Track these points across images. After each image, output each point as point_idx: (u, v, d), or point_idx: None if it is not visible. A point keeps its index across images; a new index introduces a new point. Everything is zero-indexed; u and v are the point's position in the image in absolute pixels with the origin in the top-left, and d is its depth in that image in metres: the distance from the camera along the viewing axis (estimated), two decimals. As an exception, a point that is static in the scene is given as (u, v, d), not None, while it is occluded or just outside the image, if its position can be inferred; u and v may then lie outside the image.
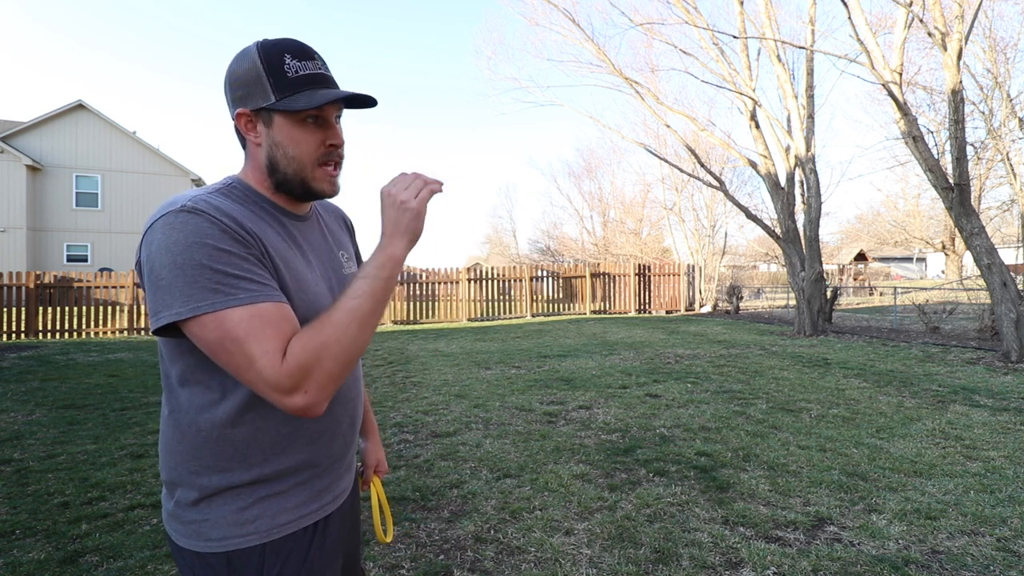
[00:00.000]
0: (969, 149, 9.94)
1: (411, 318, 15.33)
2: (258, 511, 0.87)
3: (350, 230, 1.18)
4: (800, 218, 10.94)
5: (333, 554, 0.97)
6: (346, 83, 0.98)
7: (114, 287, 12.97)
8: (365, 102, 0.92)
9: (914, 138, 7.30)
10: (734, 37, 10.40)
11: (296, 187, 0.93)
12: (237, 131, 0.94)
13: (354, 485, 1.11)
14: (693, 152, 12.31)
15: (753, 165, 11.23)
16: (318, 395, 0.78)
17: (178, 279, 0.76)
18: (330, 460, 0.97)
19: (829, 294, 11.46)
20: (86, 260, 21.29)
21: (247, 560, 0.86)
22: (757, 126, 11.01)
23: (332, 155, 0.93)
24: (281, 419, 0.89)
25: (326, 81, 0.91)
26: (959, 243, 24.76)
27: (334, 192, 0.96)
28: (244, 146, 0.95)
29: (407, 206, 0.88)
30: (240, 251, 0.81)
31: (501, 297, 16.28)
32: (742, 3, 10.47)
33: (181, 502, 0.88)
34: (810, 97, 10.55)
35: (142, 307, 12.97)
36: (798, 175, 10.83)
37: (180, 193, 0.86)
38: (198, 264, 0.77)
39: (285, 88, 0.87)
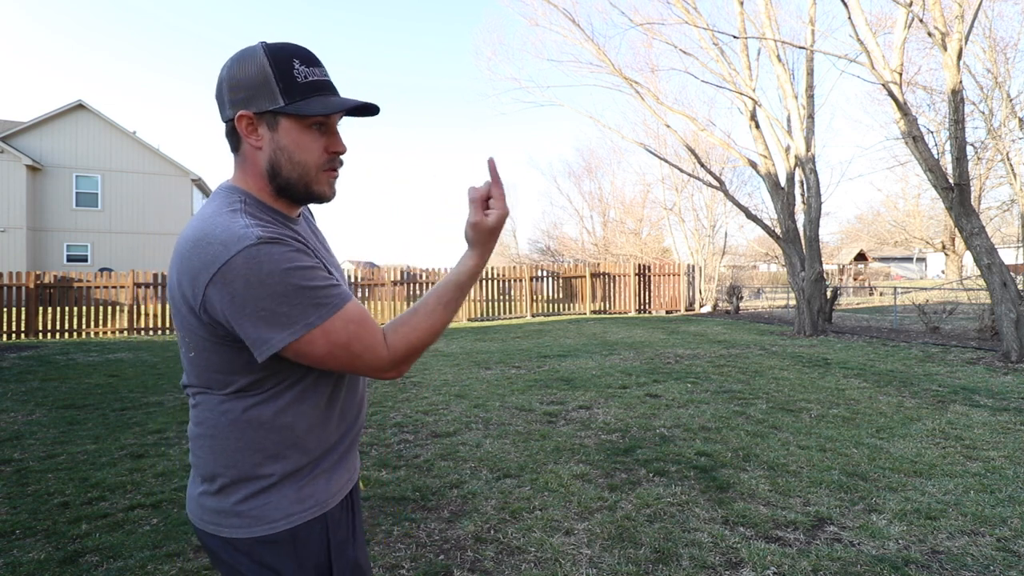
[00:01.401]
0: (969, 149, 9.94)
1: (411, 318, 15.31)
2: (314, 487, 0.95)
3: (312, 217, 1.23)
4: (800, 218, 10.94)
5: (361, 523, 1.08)
6: (347, 83, 1.00)
7: (114, 287, 12.96)
8: (368, 110, 0.95)
9: (914, 138, 7.30)
10: (734, 37, 10.40)
11: (299, 191, 0.94)
12: (231, 134, 0.93)
13: None
14: (693, 152, 12.31)
15: (753, 165, 11.23)
16: (408, 368, 0.94)
17: (283, 305, 0.82)
18: (355, 434, 1.05)
19: (829, 294, 11.47)
20: (86, 260, 21.28)
21: (311, 531, 0.93)
22: (757, 126, 11.02)
23: (335, 161, 0.95)
24: (328, 402, 0.96)
25: (332, 88, 0.93)
26: (959, 243, 24.76)
27: (333, 195, 0.97)
28: (236, 149, 0.94)
29: (498, 233, 1.04)
30: (315, 263, 0.87)
31: (501, 297, 16.27)
32: (742, 3, 10.47)
33: (240, 497, 0.91)
34: (810, 97, 10.55)
35: (142, 307, 12.98)
36: (798, 175, 10.83)
37: (215, 222, 0.85)
38: (296, 287, 0.82)
39: (295, 93, 0.88)
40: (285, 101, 0.88)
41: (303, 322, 0.83)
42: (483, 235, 1.01)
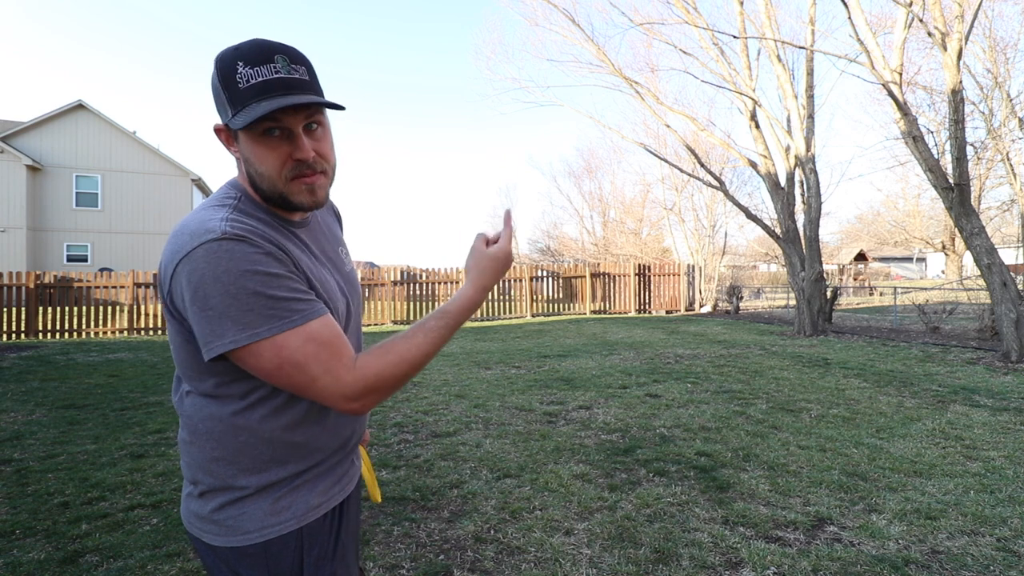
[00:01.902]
0: (969, 149, 9.94)
1: (411, 318, 15.34)
2: (292, 499, 0.91)
3: (340, 220, 1.19)
4: (800, 218, 10.94)
5: (354, 534, 1.04)
6: (347, 83, 0.97)
7: (114, 287, 12.97)
8: (326, 105, 0.86)
9: (914, 138, 7.30)
10: (734, 37, 10.40)
11: (276, 201, 0.89)
12: None
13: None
14: (693, 152, 12.31)
15: (753, 165, 11.23)
16: (374, 403, 0.86)
17: (232, 308, 0.77)
18: (349, 446, 1.02)
19: (829, 294, 11.46)
20: (86, 260, 21.29)
21: (285, 545, 0.89)
22: (757, 126, 11.02)
23: (300, 168, 0.86)
24: (312, 418, 0.92)
25: (283, 86, 0.82)
26: (959, 243, 24.77)
27: (315, 204, 0.90)
28: None
29: (504, 271, 1.00)
30: (284, 271, 0.82)
31: (501, 297, 16.28)
32: (742, 3, 10.47)
33: (216, 505, 0.89)
34: (810, 97, 10.55)
35: (142, 307, 12.98)
36: (798, 175, 10.84)
37: (197, 215, 0.84)
38: (252, 292, 0.78)
39: (237, 101, 0.82)
40: (231, 112, 0.83)
41: (250, 331, 0.77)
42: (481, 261, 0.98)
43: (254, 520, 0.88)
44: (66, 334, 12.20)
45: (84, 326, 12.38)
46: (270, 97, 0.81)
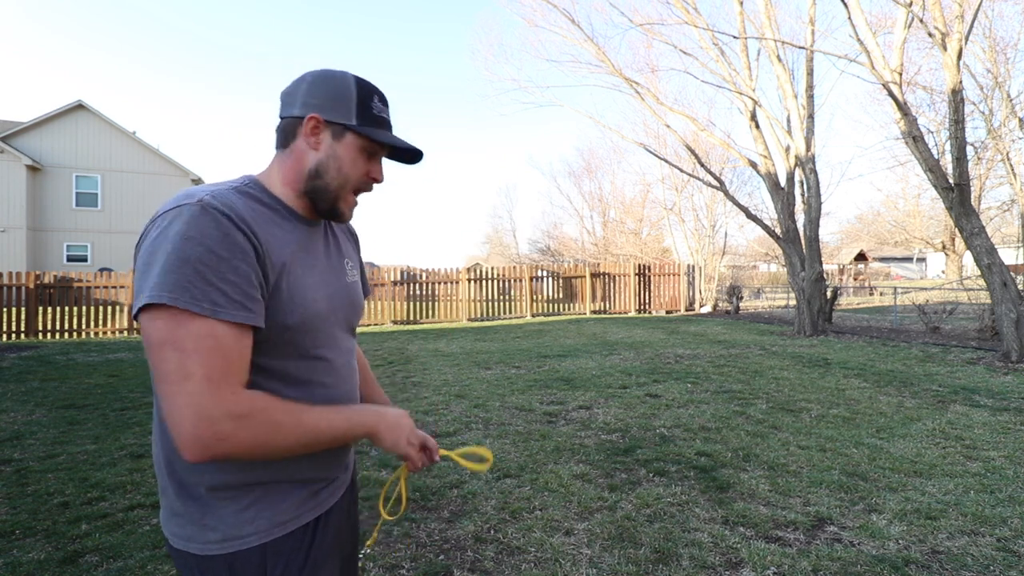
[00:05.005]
0: (969, 149, 9.94)
1: (411, 318, 15.34)
2: (257, 511, 0.87)
3: (355, 242, 1.19)
4: (800, 218, 10.94)
5: (332, 551, 0.98)
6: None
7: (114, 287, 12.96)
8: (413, 156, 1.05)
9: (914, 138, 7.30)
10: (734, 37, 10.41)
11: (327, 199, 0.97)
12: (286, 130, 0.95)
13: (352, 483, 1.10)
14: (693, 152, 12.32)
15: (753, 165, 11.23)
16: (227, 450, 0.76)
17: (155, 265, 0.77)
18: (326, 461, 0.97)
19: (829, 294, 11.46)
20: (86, 260, 21.29)
21: (248, 562, 0.86)
22: (757, 126, 11.02)
23: (368, 186, 1.02)
24: None
25: (390, 127, 1.03)
26: (959, 243, 24.77)
27: (349, 219, 1.04)
28: (285, 145, 0.96)
29: (399, 446, 0.96)
30: (236, 260, 0.79)
31: (501, 297, 16.28)
32: (742, 3, 10.47)
33: (178, 505, 0.87)
34: (810, 97, 10.55)
35: (142, 307, 12.96)
36: (798, 175, 10.84)
37: (197, 187, 0.86)
38: (183, 258, 0.76)
39: (367, 120, 0.97)
40: (358, 123, 0.95)
41: (155, 292, 0.74)
42: (393, 420, 0.96)
43: (217, 530, 0.85)
44: (66, 334, 12.19)
45: (84, 326, 12.37)
46: (387, 128, 1.01)
